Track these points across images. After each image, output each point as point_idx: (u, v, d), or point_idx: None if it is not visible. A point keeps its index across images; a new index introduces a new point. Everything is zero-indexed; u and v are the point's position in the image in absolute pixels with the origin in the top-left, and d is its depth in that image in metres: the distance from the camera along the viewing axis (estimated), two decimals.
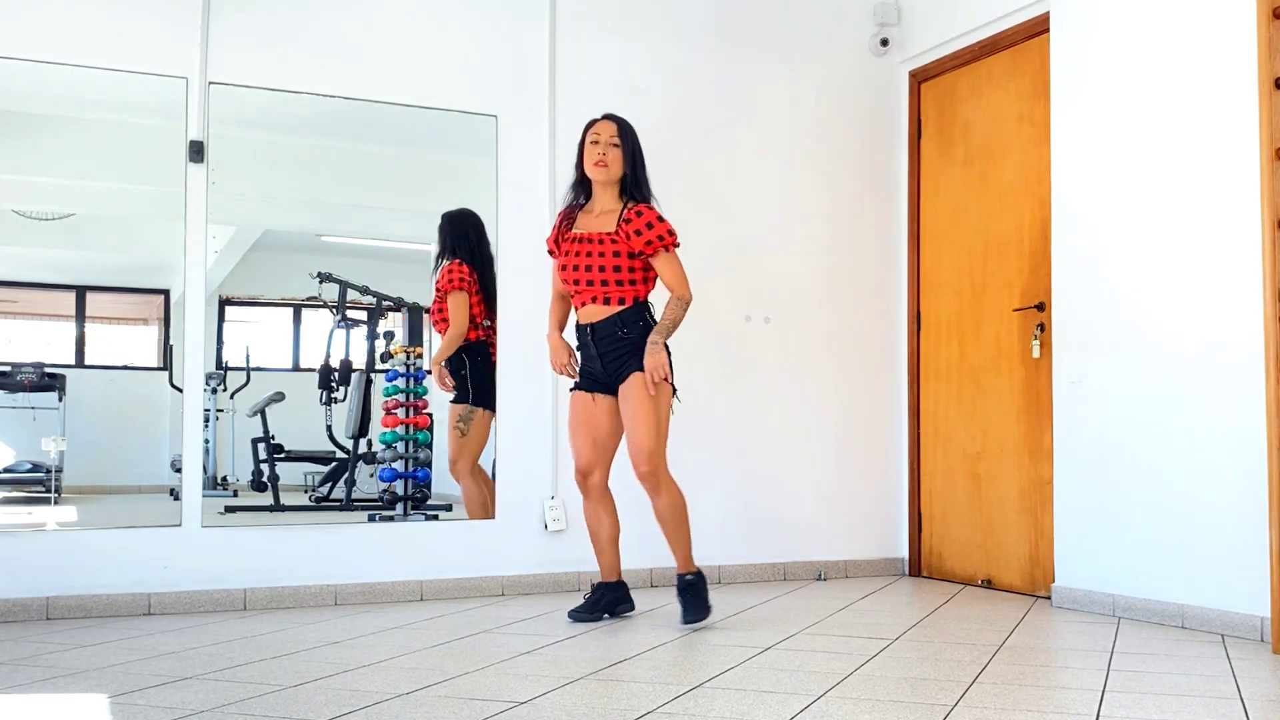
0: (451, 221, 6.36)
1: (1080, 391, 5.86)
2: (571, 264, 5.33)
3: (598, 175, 5.35)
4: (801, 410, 6.99)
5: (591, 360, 5.37)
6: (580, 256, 5.31)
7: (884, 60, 7.33)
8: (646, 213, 5.32)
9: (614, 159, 5.35)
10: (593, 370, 5.39)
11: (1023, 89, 6.44)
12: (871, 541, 7.14)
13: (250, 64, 5.89)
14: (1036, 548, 6.25)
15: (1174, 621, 5.32)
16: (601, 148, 5.34)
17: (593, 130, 5.40)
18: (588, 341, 5.36)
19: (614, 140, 5.36)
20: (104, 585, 5.50)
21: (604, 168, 5.33)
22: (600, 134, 5.37)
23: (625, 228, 5.30)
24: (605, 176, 5.35)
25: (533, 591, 6.25)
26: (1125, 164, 5.67)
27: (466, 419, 6.33)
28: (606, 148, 5.34)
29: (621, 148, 5.37)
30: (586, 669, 4.25)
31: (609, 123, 5.40)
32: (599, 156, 5.33)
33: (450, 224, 6.36)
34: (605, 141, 5.35)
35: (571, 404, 5.46)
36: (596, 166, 5.33)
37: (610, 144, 5.35)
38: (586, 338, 5.36)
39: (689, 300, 5.35)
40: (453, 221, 6.36)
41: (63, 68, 5.55)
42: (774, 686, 3.97)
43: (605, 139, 5.36)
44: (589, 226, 5.38)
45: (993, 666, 4.34)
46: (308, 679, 4.05)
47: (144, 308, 6.23)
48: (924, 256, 7.14)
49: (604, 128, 5.39)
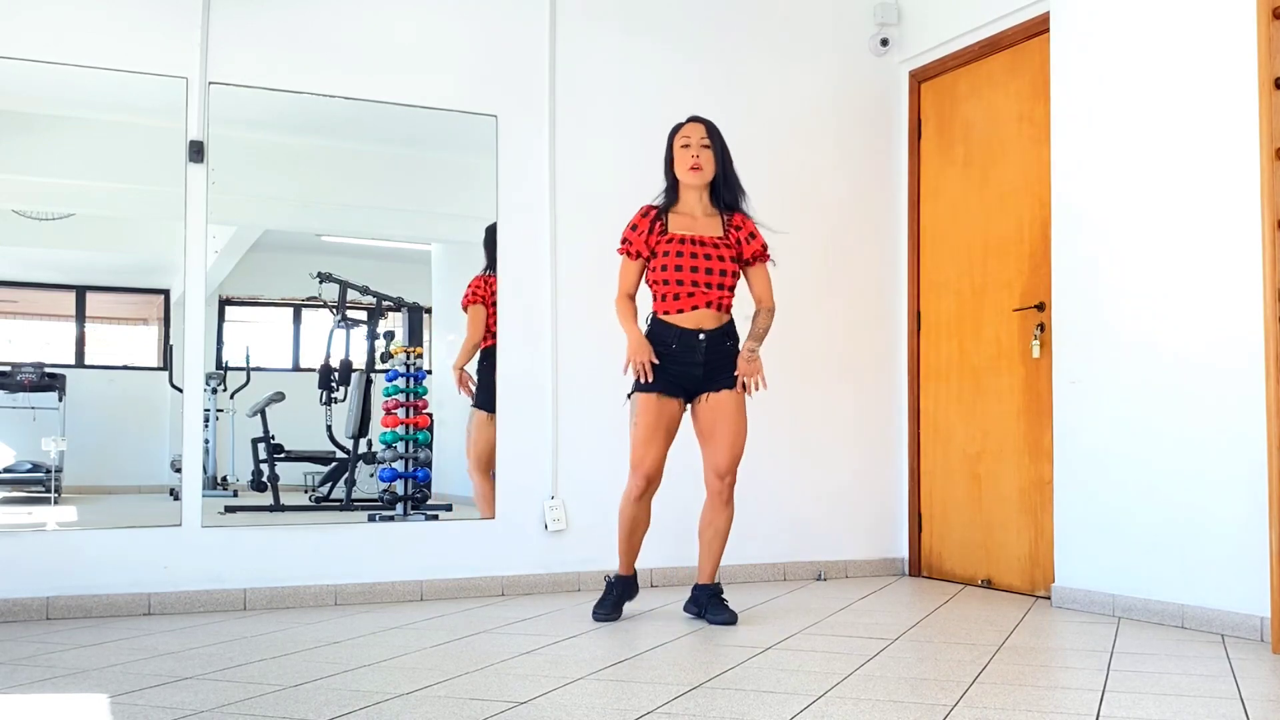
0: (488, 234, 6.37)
1: (1080, 391, 5.86)
2: (688, 265, 5.21)
3: (693, 179, 5.29)
4: (801, 410, 6.99)
5: (693, 366, 5.24)
6: (698, 259, 5.23)
7: (884, 60, 7.33)
8: (748, 221, 5.37)
9: (707, 160, 5.30)
10: (687, 375, 5.26)
11: (1023, 89, 6.44)
12: (871, 541, 7.14)
13: (250, 64, 5.88)
14: (1036, 548, 6.25)
15: (1174, 621, 5.32)
16: (694, 150, 5.29)
17: (681, 134, 5.36)
18: (696, 346, 5.23)
19: (705, 142, 5.32)
20: (104, 585, 5.50)
21: (699, 171, 5.28)
22: (690, 137, 5.32)
23: (736, 233, 5.30)
24: (700, 180, 5.30)
25: (533, 591, 6.25)
26: (1125, 164, 5.67)
27: (470, 419, 6.35)
28: (699, 150, 5.30)
29: (713, 149, 5.33)
30: (586, 669, 4.25)
31: (698, 125, 5.36)
32: (694, 159, 5.28)
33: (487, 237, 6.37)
34: (696, 144, 5.30)
35: (651, 407, 5.25)
36: (692, 171, 5.28)
37: (701, 145, 5.31)
38: (696, 343, 5.23)
39: (774, 312, 5.44)
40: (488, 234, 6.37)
41: (63, 68, 5.54)
42: (774, 686, 3.97)
43: (696, 141, 5.31)
44: (694, 229, 5.30)
45: (993, 666, 4.34)
46: (308, 679, 4.05)
47: (144, 308, 6.23)
48: (924, 256, 7.14)
49: (693, 130, 5.34)
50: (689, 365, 5.24)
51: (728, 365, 5.29)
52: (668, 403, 5.26)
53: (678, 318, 5.24)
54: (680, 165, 5.32)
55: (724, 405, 5.26)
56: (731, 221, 5.34)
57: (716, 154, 5.34)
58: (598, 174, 6.53)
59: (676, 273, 5.21)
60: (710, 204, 5.36)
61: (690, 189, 5.34)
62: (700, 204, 5.35)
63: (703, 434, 5.33)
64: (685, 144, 5.32)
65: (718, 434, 5.26)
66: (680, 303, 5.24)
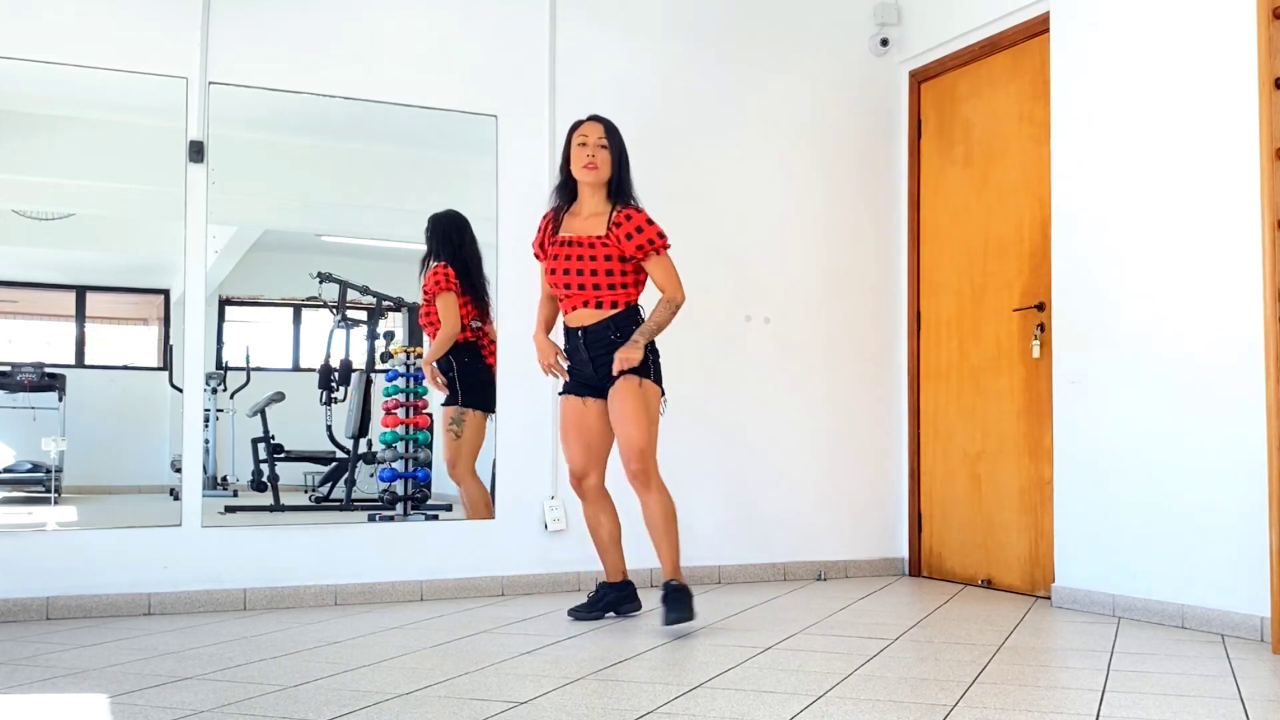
0: (434, 223, 6.35)
1: (1080, 391, 5.86)
2: (561, 268, 5.28)
3: (587, 177, 5.30)
4: (802, 410, 6.99)
5: (583, 364, 5.33)
6: (570, 260, 5.26)
7: (884, 60, 7.33)
8: (636, 215, 5.28)
9: (603, 160, 5.30)
10: (583, 374, 5.35)
11: (1023, 89, 6.44)
12: (871, 542, 7.14)
13: (250, 64, 5.88)
14: (1036, 548, 6.25)
15: (1174, 621, 5.32)
16: (590, 149, 5.29)
17: (579, 131, 5.36)
18: (579, 345, 5.31)
19: (602, 142, 5.31)
20: (104, 585, 5.50)
21: (594, 170, 5.28)
22: (588, 135, 5.32)
23: (616, 231, 5.26)
24: (595, 179, 5.30)
25: (533, 591, 6.25)
26: (1125, 164, 5.67)
27: (459, 421, 6.33)
28: (595, 149, 5.29)
29: (610, 149, 5.33)
30: (586, 669, 4.25)
31: (596, 124, 5.36)
32: (588, 159, 5.28)
33: (433, 226, 6.34)
34: (594, 143, 5.30)
35: (562, 409, 5.44)
36: (586, 169, 5.28)
37: (599, 145, 5.30)
38: (578, 341, 5.31)
39: (680, 302, 5.33)
40: (435, 223, 6.35)
41: (63, 68, 5.54)
42: (774, 686, 3.97)
43: (593, 140, 5.31)
44: (577, 229, 5.33)
45: (993, 666, 4.34)
46: (308, 679, 4.05)
47: (144, 308, 6.23)
48: (924, 256, 7.14)
49: (591, 129, 5.34)
50: (581, 364, 5.35)
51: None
52: (574, 401, 5.40)
53: (566, 318, 5.38)
54: (574, 163, 5.33)
55: (615, 398, 5.24)
56: (615, 219, 5.28)
57: (614, 154, 5.33)
58: None
59: (563, 275, 5.30)
60: (604, 201, 5.34)
61: (586, 187, 5.35)
62: (592, 202, 5.34)
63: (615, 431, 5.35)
64: (582, 142, 5.32)
65: (616, 425, 5.25)
66: (565, 304, 5.36)
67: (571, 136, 5.37)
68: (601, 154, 5.30)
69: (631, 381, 5.21)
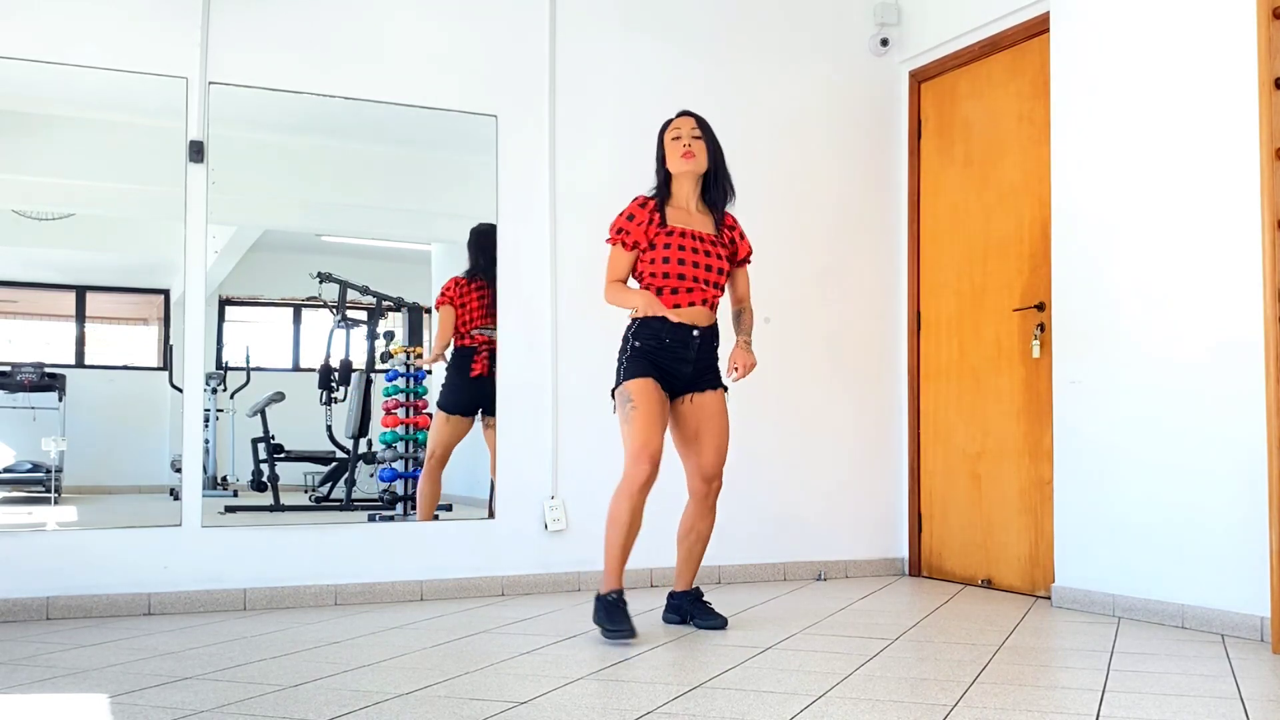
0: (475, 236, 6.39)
1: (1080, 391, 5.86)
2: (690, 260, 5.11)
3: (687, 166, 5.19)
4: (801, 410, 6.99)
5: (683, 363, 5.12)
6: (697, 254, 5.13)
7: (884, 60, 7.33)
8: (738, 223, 5.37)
9: (699, 150, 5.22)
10: (677, 371, 5.12)
11: (1023, 89, 6.44)
12: (871, 541, 7.14)
13: (250, 64, 5.89)
14: (1036, 548, 6.25)
15: (1174, 621, 5.32)
16: (685, 140, 5.21)
17: (672, 126, 5.28)
18: (690, 342, 5.11)
19: (695, 133, 5.24)
20: (104, 585, 5.50)
21: (691, 158, 5.19)
22: (681, 128, 5.25)
23: (730, 233, 5.29)
24: (695, 167, 5.20)
25: (533, 591, 6.25)
26: (1125, 164, 5.67)
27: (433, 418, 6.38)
28: (690, 140, 5.22)
29: (704, 140, 5.26)
30: (586, 669, 4.25)
31: (687, 118, 5.29)
32: (685, 148, 5.20)
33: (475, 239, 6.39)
34: (688, 135, 5.22)
35: (644, 389, 5.00)
36: (684, 158, 5.18)
37: (693, 136, 5.23)
38: (690, 338, 5.11)
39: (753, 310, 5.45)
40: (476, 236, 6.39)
41: (62, 67, 5.55)
42: (774, 686, 3.97)
43: (687, 132, 5.23)
44: (690, 224, 5.22)
45: (993, 666, 4.34)
46: (308, 679, 4.05)
47: (144, 308, 6.23)
48: (924, 256, 7.14)
49: (683, 123, 5.27)
50: (679, 362, 5.11)
51: (714, 366, 5.22)
52: (659, 388, 5.07)
53: (680, 313, 5.08)
54: (673, 156, 5.23)
55: (710, 406, 5.17)
56: (725, 221, 5.31)
57: (709, 146, 5.27)
58: (598, 174, 6.53)
59: (679, 266, 5.09)
60: (701, 201, 5.30)
61: (684, 181, 5.24)
62: (694, 199, 5.27)
63: (687, 437, 5.19)
64: (676, 136, 5.24)
65: (704, 436, 5.15)
66: (678, 298, 5.12)
67: (664, 134, 5.30)
68: (697, 144, 5.23)
69: (723, 395, 5.23)
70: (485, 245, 6.35)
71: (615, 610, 4.91)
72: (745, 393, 6.78)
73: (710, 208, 5.30)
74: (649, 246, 5.15)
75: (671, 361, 5.10)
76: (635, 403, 5.00)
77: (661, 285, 5.12)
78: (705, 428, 5.15)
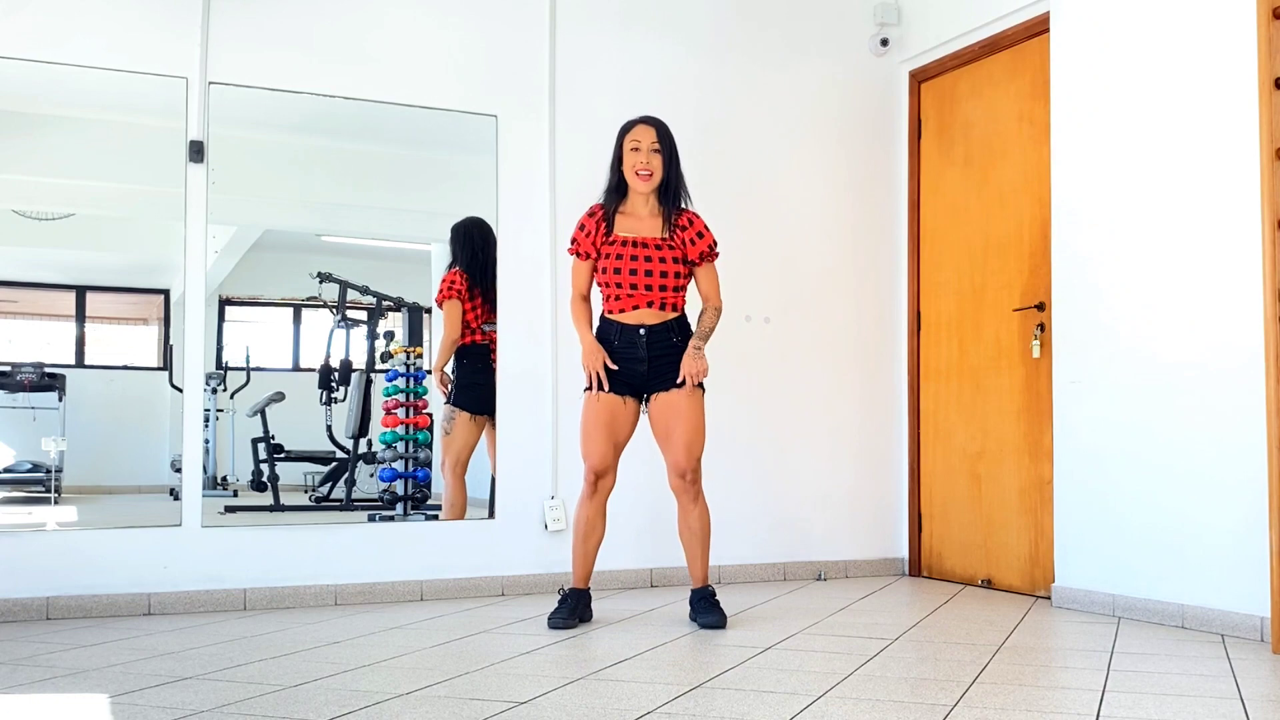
0: (454, 231, 6.36)
1: (1080, 391, 5.86)
2: (628, 267, 5.22)
3: (641, 186, 5.27)
4: (801, 410, 6.99)
5: (637, 363, 5.24)
6: (637, 261, 5.22)
7: (884, 60, 7.33)
8: (696, 220, 5.35)
9: (656, 166, 5.27)
10: (633, 373, 5.26)
11: (1023, 89, 6.44)
12: (871, 541, 7.14)
13: (250, 64, 5.88)
14: (1036, 547, 6.25)
15: (1174, 621, 5.32)
16: (644, 155, 5.25)
17: (631, 136, 5.31)
18: (638, 343, 5.23)
19: (655, 147, 5.27)
20: (104, 585, 5.50)
21: (648, 176, 5.26)
22: (640, 141, 5.28)
23: (681, 234, 5.29)
24: (648, 187, 5.28)
25: (533, 591, 6.25)
26: (1125, 164, 5.67)
27: (449, 419, 6.34)
28: (649, 155, 5.26)
29: (662, 153, 5.29)
30: (586, 669, 4.25)
31: (648, 128, 5.31)
32: (642, 165, 5.25)
33: (453, 234, 6.36)
34: (646, 149, 5.26)
35: (596, 404, 5.26)
36: (639, 177, 5.26)
37: (652, 150, 5.27)
38: (637, 339, 5.23)
39: (721, 310, 5.46)
40: (455, 231, 6.36)
41: (62, 67, 5.54)
42: (774, 686, 3.97)
43: (646, 146, 5.27)
44: (637, 230, 5.29)
45: (993, 666, 4.34)
46: (308, 679, 4.05)
47: (144, 308, 6.23)
48: (924, 256, 7.14)
49: (643, 134, 5.29)
50: (632, 361, 5.24)
51: (676, 362, 5.27)
52: (612, 399, 5.26)
53: (620, 316, 5.27)
54: (627, 168, 5.29)
55: (676, 404, 5.24)
56: (678, 221, 5.32)
57: (665, 158, 5.31)
58: (597, 174, 6.48)
59: (616, 275, 5.23)
60: (657, 203, 5.34)
61: (637, 192, 5.33)
62: (646, 205, 5.33)
63: (659, 435, 5.30)
64: (635, 147, 5.28)
65: (673, 433, 5.24)
66: (623, 302, 5.26)
67: (624, 140, 5.33)
68: (655, 159, 5.27)
69: (696, 390, 5.26)
70: (479, 238, 6.34)
71: (562, 602, 5.33)
72: (744, 393, 6.78)
73: (665, 208, 5.34)
74: (599, 255, 5.33)
75: (625, 363, 5.27)
76: (584, 415, 5.32)
77: (609, 292, 5.30)
78: (673, 426, 5.25)
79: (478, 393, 6.31)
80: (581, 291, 5.40)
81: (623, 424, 5.29)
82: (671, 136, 5.37)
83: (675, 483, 5.30)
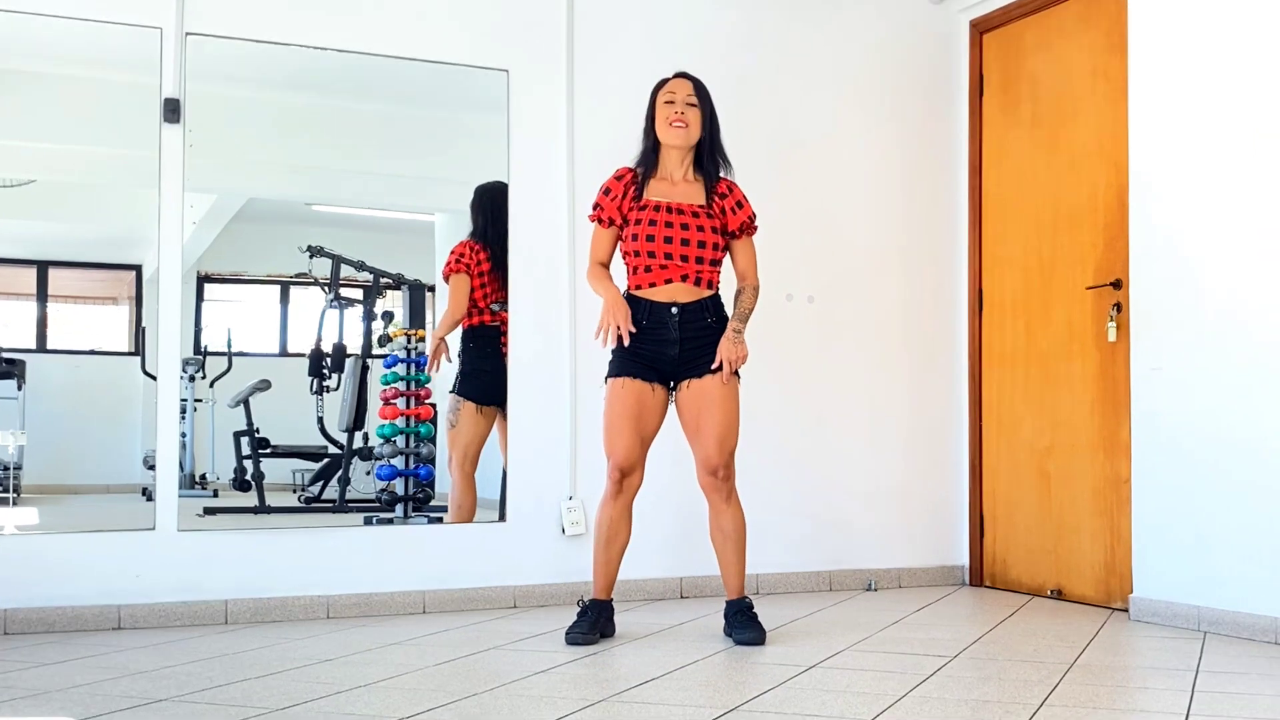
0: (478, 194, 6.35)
1: (1161, 379, 5.83)
2: (662, 234, 5.19)
3: (674, 138, 5.27)
4: (848, 401, 6.97)
5: (666, 344, 5.22)
6: (673, 229, 5.20)
7: (942, 8, 7.30)
8: (735, 189, 5.37)
9: (693, 119, 5.29)
10: (661, 355, 5.24)
11: (1097, 41, 6.40)
12: (928, 547, 7.13)
13: (231, 12, 5.87)
14: (1112, 554, 6.23)
15: (1267, 637, 5.30)
16: (678, 106, 5.27)
17: (665, 89, 5.35)
18: (668, 323, 5.21)
19: (690, 99, 5.30)
20: (69, 596, 5.51)
21: (682, 128, 5.26)
22: (675, 92, 5.31)
23: (721, 202, 5.30)
24: (684, 139, 5.28)
25: (548, 603, 6.25)
26: (1211, 126, 5.63)
27: (454, 410, 6.33)
28: (684, 107, 5.28)
29: (700, 108, 5.32)
30: (608, 690, 4.25)
31: (684, 81, 5.36)
32: (678, 114, 5.26)
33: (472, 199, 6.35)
34: (682, 101, 5.29)
35: (621, 392, 5.25)
36: (673, 127, 5.26)
37: (687, 103, 5.29)
38: (669, 319, 5.22)
39: (759, 290, 5.44)
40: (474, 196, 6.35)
41: (21, 16, 5.54)
42: (818, 710, 3.96)
43: (681, 98, 5.29)
44: (672, 195, 5.29)
45: (1063, 687, 4.33)
46: (296, 701, 4.05)
47: (113, 285, 6.25)
48: (986, 229, 7.11)
49: (679, 85, 5.33)
50: (661, 344, 5.22)
51: (710, 347, 5.25)
52: (640, 386, 5.24)
53: (649, 292, 5.24)
54: (661, 123, 5.31)
55: (708, 392, 5.23)
56: (716, 189, 5.33)
57: (704, 115, 5.33)
58: (619, 134, 6.46)
59: (649, 243, 5.20)
60: (693, 170, 5.35)
61: (672, 151, 5.32)
62: (682, 169, 5.34)
63: (688, 427, 5.31)
64: (670, 100, 5.30)
65: (704, 425, 5.23)
66: (653, 275, 5.23)
67: (656, 95, 5.37)
68: (691, 113, 5.29)
69: (733, 378, 5.26)
70: (493, 206, 6.32)
71: (581, 615, 5.27)
72: (785, 380, 6.76)
73: (702, 177, 5.34)
74: (625, 223, 5.31)
75: (653, 346, 5.23)
76: (607, 406, 5.30)
77: (636, 263, 5.27)
78: (704, 416, 5.24)
79: (486, 380, 6.30)
80: (601, 261, 5.39)
81: (651, 415, 5.27)
82: (709, 96, 5.39)
83: (705, 480, 5.29)
